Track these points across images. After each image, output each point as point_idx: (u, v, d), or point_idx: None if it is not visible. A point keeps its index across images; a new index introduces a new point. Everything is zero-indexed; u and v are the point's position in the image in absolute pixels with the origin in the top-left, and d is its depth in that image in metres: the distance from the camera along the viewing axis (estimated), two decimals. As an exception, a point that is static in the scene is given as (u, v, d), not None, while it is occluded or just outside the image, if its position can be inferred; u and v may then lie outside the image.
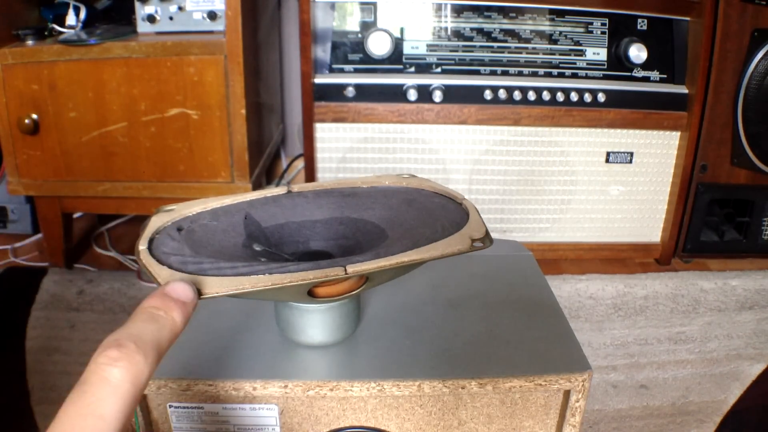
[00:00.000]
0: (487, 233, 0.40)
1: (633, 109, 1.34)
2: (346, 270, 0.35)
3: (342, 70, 1.32)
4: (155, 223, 0.39)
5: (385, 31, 1.29)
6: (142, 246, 0.38)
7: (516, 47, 1.32)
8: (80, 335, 1.19)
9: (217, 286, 0.36)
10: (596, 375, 1.13)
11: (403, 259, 0.36)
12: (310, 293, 0.38)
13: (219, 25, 1.25)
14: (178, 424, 0.49)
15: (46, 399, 1.04)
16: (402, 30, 1.31)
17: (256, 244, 0.38)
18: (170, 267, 0.36)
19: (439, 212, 0.40)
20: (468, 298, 0.58)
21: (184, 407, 0.48)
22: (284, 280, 0.35)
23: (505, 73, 1.33)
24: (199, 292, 0.35)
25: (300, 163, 1.70)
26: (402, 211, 0.40)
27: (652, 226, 1.45)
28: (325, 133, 1.34)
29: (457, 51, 1.32)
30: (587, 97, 1.33)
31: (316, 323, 0.46)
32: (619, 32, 1.33)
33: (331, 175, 1.37)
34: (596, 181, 1.39)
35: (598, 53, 1.34)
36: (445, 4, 1.30)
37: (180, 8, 1.25)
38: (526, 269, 0.64)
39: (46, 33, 1.27)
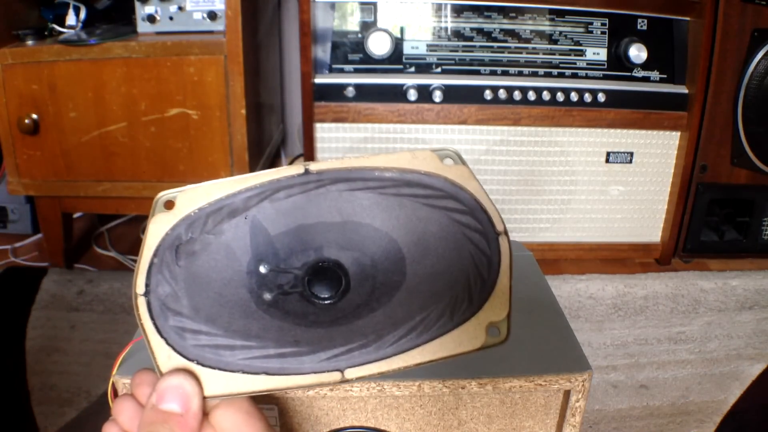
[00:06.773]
0: (509, 314, 0.38)
1: (633, 109, 1.34)
2: (343, 374, 0.36)
3: (342, 70, 1.32)
4: (154, 235, 0.35)
5: (385, 31, 1.29)
6: (140, 289, 0.35)
7: (516, 47, 1.32)
8: (80, 335, 1.19)
9: (212, 387, 0.35)
10: (596, 375, 1.13)
11: (406, 365, 0.37)
12: None
13: (219, 25, 1.25)
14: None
15: (46, 399, 1.04)
16: (402, 30, 1.31)
17: (262, 264, 0.37)
18: (167, 341, 0.35)
19: (465, 258, 0.38)
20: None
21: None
22: (282, 384, 0.35)
23: (505, 73, 1.33)
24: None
25: (300, 163, 1.70)
26: (429, 236, 0.38)
27: (652, 226, 1.45)
28: (325, 133, 1.34)
29: (457, 51, 1.32)
30: (587, 97, 1.32)
31: None
32: (619, 32, 1.33)
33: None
34: (596, 181, 1.39)
35: (598, 53, 1.34)
36: (445, 4, 1.30)
37: (180, 8, 1.25)
38: (526, 269, 0.64)
39: (46, 33, 1.27)
